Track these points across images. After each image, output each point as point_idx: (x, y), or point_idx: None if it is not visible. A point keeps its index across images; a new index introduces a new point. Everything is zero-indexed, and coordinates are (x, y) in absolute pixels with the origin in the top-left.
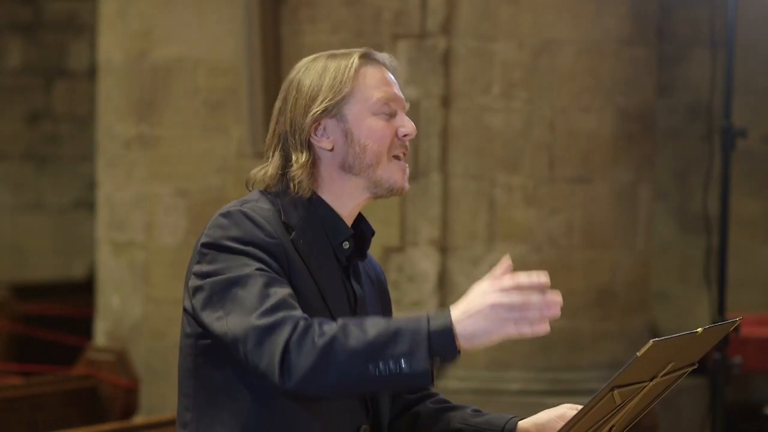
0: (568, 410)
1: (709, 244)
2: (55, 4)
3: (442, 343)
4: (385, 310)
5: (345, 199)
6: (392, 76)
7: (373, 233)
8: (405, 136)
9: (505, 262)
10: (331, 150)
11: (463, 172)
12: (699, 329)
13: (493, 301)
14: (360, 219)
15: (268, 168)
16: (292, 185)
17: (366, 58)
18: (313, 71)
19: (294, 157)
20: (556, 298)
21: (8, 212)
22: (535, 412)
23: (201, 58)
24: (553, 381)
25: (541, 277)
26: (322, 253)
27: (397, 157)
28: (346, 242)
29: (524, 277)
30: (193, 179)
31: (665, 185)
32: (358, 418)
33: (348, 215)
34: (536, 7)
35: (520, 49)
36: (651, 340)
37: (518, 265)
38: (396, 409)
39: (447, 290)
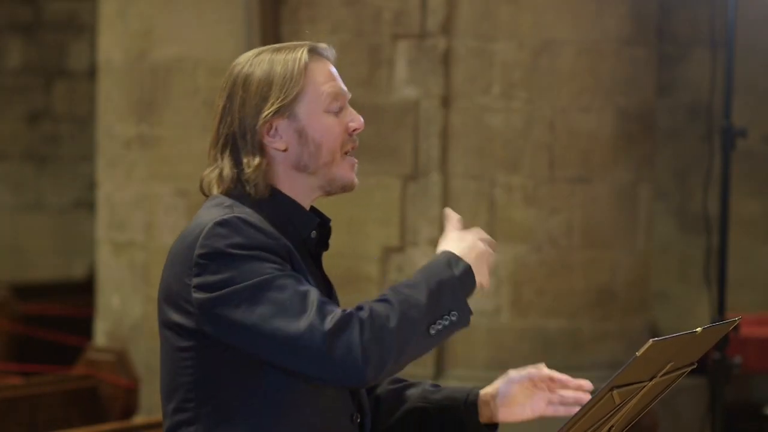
0: (520, 376)
1: (709, 244)
2: (55, 4)
3: (469, 284)
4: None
5: (300, 197)
6: (335, 70)
7: (329, 220)
8: (354, 130)
9: (452, 215)
10: (285, 150)
11: (463, 172)
12: (698, 329)
13: (485, 249)
14: (314, 209)
15: (222, 170)
16: (247, 187)
17: (312, 53)
18: (258, 68)
19: (245, 160)
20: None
21: (8, 212)
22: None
23: (201, 58)
24: None
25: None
26: (298, 248)
27: (348, 153)
28: (314, 232)
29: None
30: (193, 179)
31: (665, 185)
32: (349, 407)
33: (307, 206)
34: (536, 7)
35: (520, 49)
36: (650, 340)
37: (518, 265)
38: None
39: None
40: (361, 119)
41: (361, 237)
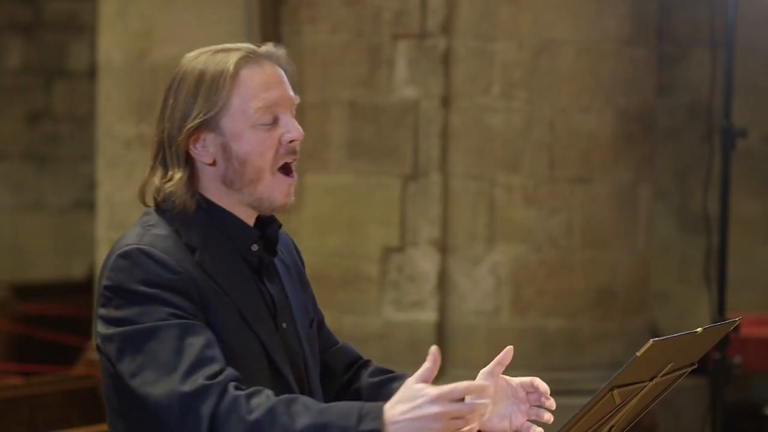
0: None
1: (709, 244)
2: (55, 4)
3: None
4: (303, 290)
5: (237, 210)
6: (280, 71)
7: (280, 225)
8: (291, 142)
9: (433, 354)
10: (213, 164)
11: (463, 172)
12: (699, 329)
13: (440, 410)
14: (262, 217)
15: (152, 180)
16: (173, 201)
17: (246, 60)
18: (190, 76)
19: (170, 173)
20: (485, 402)
21: (8, 212)
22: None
23: None
24: (553, 381)
25: (487, 386)
26: (231, 264)
27: (284, 168)
28: (254, 245)
29: (474, 386)
30: None
31: (665, 185)
32: None
33: (248, 218)
34: (536, 7)
35: (520, 49)
36: (651, 340)
37: (518, 265)
38: (332, 390)
39: (447, 290)
40: (299, 129)
41: (361, 237)
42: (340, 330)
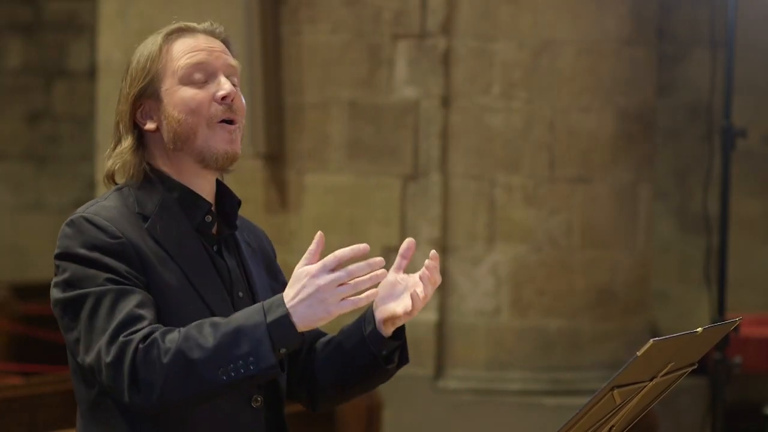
0: (396, 272)
1: (709, 244)
2: (55, 4)
3: (283, 334)
4: (273, 278)
5: (186, 177)
6: (215, 41)
7: (239, 202)
8: (224, 98)
9: (318, 237)
10: (156, 131)
11: (463, 172)
12: (699, 329)
13: (323, 282)
14: (222, 191)
15: (108, 157)
16: (124, 170)
17: (176, 33)
18: (136, 55)
19: (121, 143)
20: (377, 262)
21: (8, 212)
22: (535, 412)
23: None
24: (553, 381)
25: (361, 247)
26: (184, 235)
27: (225, 123)
28: (208, 215)
29: (344, 250)
30: None
31: (665, 185)
32: (248, 390)
33: (202, 190)
34: (536, 7)
35: (520, 49)
36: (651, 340)
37: (518, 265)
38: (297, 369)
39: (447, 290)
40: (232, 87)
41: (361, 237)
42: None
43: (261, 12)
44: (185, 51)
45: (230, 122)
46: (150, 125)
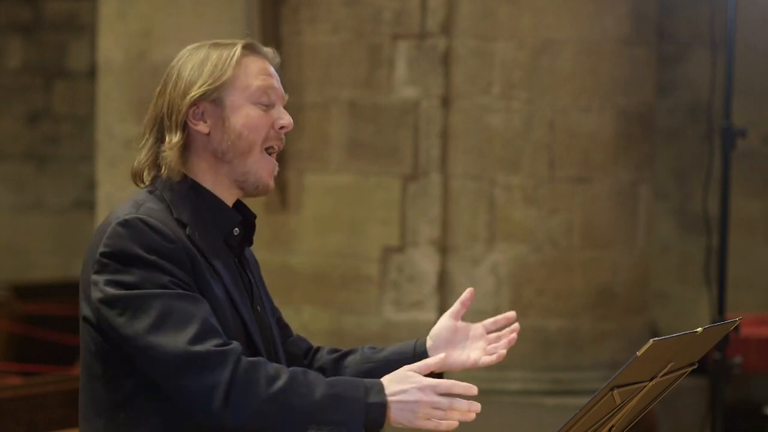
0: (455, 319)
1: (709, 244)
2: (55, 4)
3: (375, 417)
4: (264, 288)
5: (219, 188)
6: (273, 70)
7: (255, 217)
8: (282, 128)
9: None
10: (207, 134)
11: (463, 172)
12: (699, 329)
13: (426, 399)
14: (240, 205)
15: (144, 148)
16: (163, 167)
17: (249, 49)
18: (195, 57)
19: (167, 138)
20: (476, 407)
21: (8, 212)
22: (535, 412)
23: None
24: (553, 381)
25: (472, 388)
26: (217, 245)
27: (270, 150)
28: (236, 229)
29: (459, 385)
30: None
31: (665, 185)
32: None
33: (228, 203)
34: (536, 7)
35: (520, 49)
36: (651, 340)
37: (518, 265)
38: None
39: (447, 290)
40: (291, 119)
41: (361, 237)
42: (340, 330)
43: (261, 12)
44: (259, 72)
45: (273, 153)
46: (203, 127)
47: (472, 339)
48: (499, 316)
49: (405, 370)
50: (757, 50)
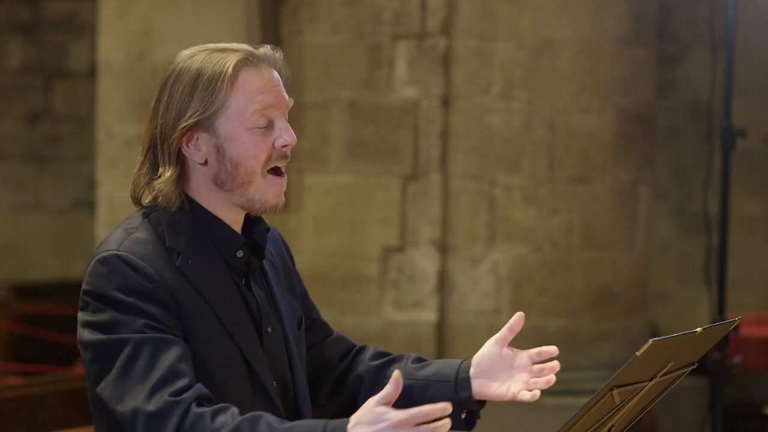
0: (501, 346)
1: (709, 244)
2: (55, 4)
3: None
4: (292, 291)
5: (223, 213)
6: (276, 74)
7: (268, 229)
8: (284, 147)
9: (396, 377)
10: (204, 164)
11: (463, 172)
12: (698, 329)
13: None
14: (250, 220)
15: (141, 176)
16: (159, 198)
17: (244, 62)
18: (186, 75)
19: (161, 170)
20: (445, 424)
21: (8, 212)
22: (535, 412)
23: None
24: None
25: (447, 408)
26: (214, 270)
27: (275, 170)
28: (240, 251)
29: (435, 408)
30: None
31: (665, 185)
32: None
33: (234, 222)
34: (536, 7)
35: (520, 49)
36: (650, 340)
37: (518, 265)
38: (332, 381)
39: (447, 290)
40: (293, 135)
41: (361, 237)
42: (340, 330)
43: (261, 12)
44: (256, 92)
45: (279, 172)
46: (199, 157)
47: (516, 369)
48: (543, 348)
49: (373, 405)
50: (757, 50)
